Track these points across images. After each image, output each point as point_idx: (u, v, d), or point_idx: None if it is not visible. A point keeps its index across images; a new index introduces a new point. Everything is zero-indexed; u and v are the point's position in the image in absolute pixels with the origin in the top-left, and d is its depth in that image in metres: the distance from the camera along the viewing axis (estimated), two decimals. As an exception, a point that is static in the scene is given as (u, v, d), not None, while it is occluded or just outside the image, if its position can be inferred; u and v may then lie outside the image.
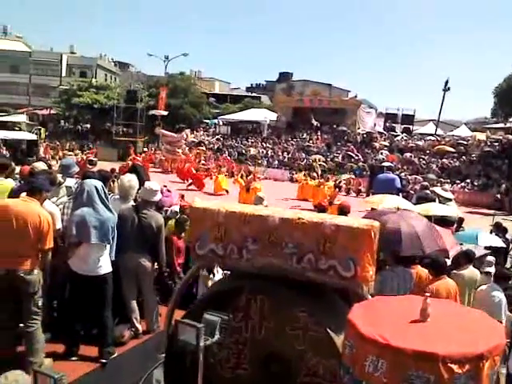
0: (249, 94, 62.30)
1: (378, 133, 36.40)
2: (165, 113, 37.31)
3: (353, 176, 26.82)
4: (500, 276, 5.46)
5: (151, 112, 37.19)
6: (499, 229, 9.21)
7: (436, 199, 9.05)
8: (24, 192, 4.63)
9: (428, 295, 2.42)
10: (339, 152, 32.63)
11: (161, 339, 3.94)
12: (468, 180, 26.21)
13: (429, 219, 5.90)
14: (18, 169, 7.11)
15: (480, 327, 2.38)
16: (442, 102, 37.79)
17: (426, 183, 13.19)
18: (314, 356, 3.12)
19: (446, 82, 37.26)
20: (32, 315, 4.39)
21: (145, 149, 33.33)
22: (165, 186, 9.30)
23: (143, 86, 43.05)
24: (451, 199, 9.89)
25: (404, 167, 28.36)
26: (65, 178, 6.14)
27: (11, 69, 55.01)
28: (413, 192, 17.34)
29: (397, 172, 22.16)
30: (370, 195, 12.77)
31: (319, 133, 36.84)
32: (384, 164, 22.40)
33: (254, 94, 62.32)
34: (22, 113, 38.27)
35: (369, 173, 24.27)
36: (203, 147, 34.10)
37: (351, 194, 23.99)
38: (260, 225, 3.32)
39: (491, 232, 9.02)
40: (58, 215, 5.00)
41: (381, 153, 31.07)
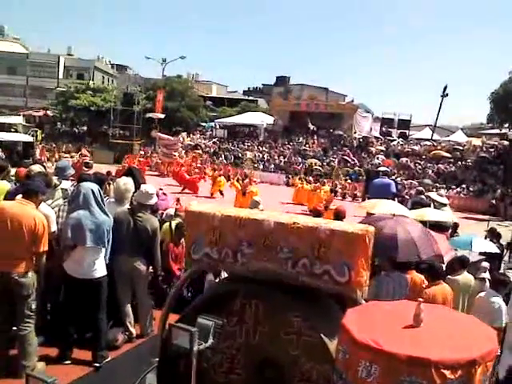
0: (246, 98, 62.40)
1: (375, 137, 36.47)
2: (162, 116, 37.31)
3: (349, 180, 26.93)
4: (498, 282, 5.45)
5: (148, 115, 37.20)
6: (493, 234, 9.24)
7: (431, 204, 9.08)
8: (20, 194, 4.62)
9: (422, 300, 2.42)
10: (335, 156, 32.71)
11: (154, 343, 3.93)
12: (463, 185, 26.32)
13: (424, 224, 5.92)
14: (14, 171, 7.08)
15: (473, 333, 2.39)
16: (440, 108, 37.94)
17: (422, 188, 13.19)
18: (308, 361, 3.11)
19: (445, 88, 37.34)
20: (25, 318, 4.38)
21: (141, 152, 33.33)
22: (161, 190, 9.29)
23: (140, 89, 43.11)
24: (446, 204, 9.90)
25: (400, 172, 28.46)
26: (60, 181, 6.11)
27: (8, 70, 54.91)
28: (408, 197, 17.37)
29: (393, 177, 22.26)
30: (366, 200, 12.77)
31: (315, 137, 36.92)
32: (380, 169, 22.45)
33: (251, 98, 62.39)
34: (19, 114, 38.22)
35: (365, 177, 24.34)
36: (200, 150, 34.14)
37: (347, 199, 24.05)
38: (255, 229, 3.31)
39: (485, 237, 9.04)
40: (54, 218, 5.00)
41: (377, 157, 31.17)
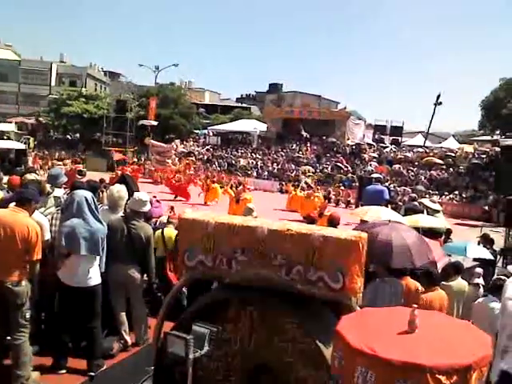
0: (239, 105, 62.62)
1: (367, 144, 36.67)
2: (155, 123, 37.34)
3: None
4: (496, 287, 5.45)
5: (141, 122, 37.22)
6: (486, 240, 9.28)
7: (424, 211, 9.12)
8: (13, 202, 4.59)
9: (416, 306, 2.44)
10: (328, 163, 32.82)
11: (150, 351, 3.91)
12: (456, 192, 26.47)
13: (417, 231, 5.94)
14: (6, 179, 7.05)
15: (467, 338, 2.40)
16: (433, 116, 38.05)
17: (415, 195, 13.28)
18: (304, 368, 3.11)
19: (438, 96, 37.46)
20: (19, 327, 4.34)
21: (134, 159, 33.28)
22: (154, 197, 9.28)
23: (133, 96, 43.14)
24: (439, 211, 9.96)
25: (393, 179, 28.60)
26: (53, 188, 6.09)
27: (0, 77, 54.70)
28: (401, 203, 17.46)
29: (386, 183, 22.35)
30: (359, 206, 12.81)
31: (309, 144, 37.07)
32: (373, 175, 22.54)
33: (244, 105, 62.63)
34: (11, 122, 38.08)
35: (358, 184, 24.42)
36: (193, 158, 34.15)
37: (340, 206, 24.11)
38: (249, 236, 3.31)
39: (479, 243, 9.09)
40: (47, 226, 4.96)
41: (370, 164, 31.33)
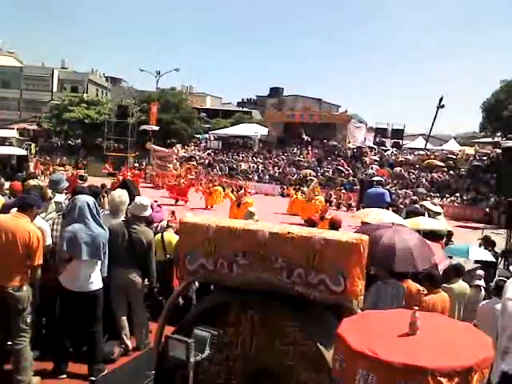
0: (240, 109, 62.73)
1: (368, 147, 36.69)
2: (156, 128, 37.42)
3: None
4: (499, 288, 5.43)
5: (142, 127, 37.31)
6: (488, 242, 9.27)
7: (425, 213, 9.13)
8: (15, 208, 4.61)
9: (417, 308, 2.43)
10: (330, 166, 32.84)
11: (151, 356, 3.90)
12: (457, 194, 26.44)
13: (418, 233, 5.94)
14: (8, 184, 7.07)
15: (469, 340, 2.40)
16: (435, 119, 37.86)
17: (416, 197, 13.29)
18: (305, 371, 3.11)
19: (441, 99, 37.13)
20: (20, 332, 4.34)
21: (135, 164, 33.34)
22: (155, 202, 9.30)
23: (134, 101, 43.26)
24: (440, 213, 9.97)
25: (394, 181, 28.59)
26: (54, 194, 6.11)
27: (2, 84, 55.00)
28: (403, 206, 17.45)
29: (387, 186, 22.34)
30: (361, 209, 12.82)
31: (310, 147, 37.11)
32: (374, 178, 22.53)
33: (245, 109, 62.73)
34: (13, 128, 38.19)
35: (359, 187, 24.42)
36: (194, 162, 34.19)
37: (342, 209, 24.10)
38: (250, 239, 3.31)
39: (480, 245, 9.08)
40: (48, 231, 4.97)
41: (371, 167, 31.32)
